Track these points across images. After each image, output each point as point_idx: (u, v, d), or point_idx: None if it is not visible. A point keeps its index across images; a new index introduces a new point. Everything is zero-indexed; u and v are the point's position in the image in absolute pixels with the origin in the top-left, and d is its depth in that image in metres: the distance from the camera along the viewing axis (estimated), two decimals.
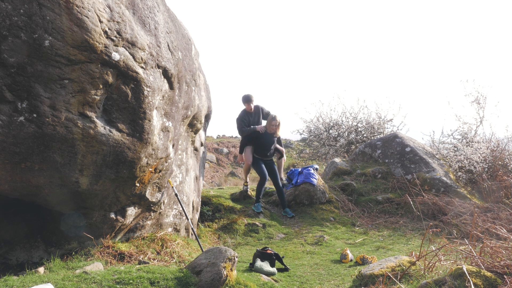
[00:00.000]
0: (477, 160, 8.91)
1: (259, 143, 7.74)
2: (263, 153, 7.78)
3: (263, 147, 7.75)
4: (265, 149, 7.76)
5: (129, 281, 3.47)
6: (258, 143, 7.75)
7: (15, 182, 3.59)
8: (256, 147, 7.79)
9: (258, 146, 7.76)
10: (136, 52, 3.75)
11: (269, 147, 7.76)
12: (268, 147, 7.76)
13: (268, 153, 7.80)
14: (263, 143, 7.74)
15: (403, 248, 5.98)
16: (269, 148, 7.77)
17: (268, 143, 7.75)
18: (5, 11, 3.03)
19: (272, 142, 7.79)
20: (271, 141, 7.78)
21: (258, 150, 7.79)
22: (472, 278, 2.76)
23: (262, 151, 7.78)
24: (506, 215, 6.61)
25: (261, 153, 7.79)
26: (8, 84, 3.16)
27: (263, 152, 7.78)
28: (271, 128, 7.66)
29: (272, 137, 7.79)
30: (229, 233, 7.03)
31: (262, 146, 7.74)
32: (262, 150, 7.77)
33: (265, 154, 7.79)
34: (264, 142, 7.73)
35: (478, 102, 10.23)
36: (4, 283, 3.34)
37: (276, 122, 7.60)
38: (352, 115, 13.89)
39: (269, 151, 7.79)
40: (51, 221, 4.33)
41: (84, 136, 3.61)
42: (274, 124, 7.60)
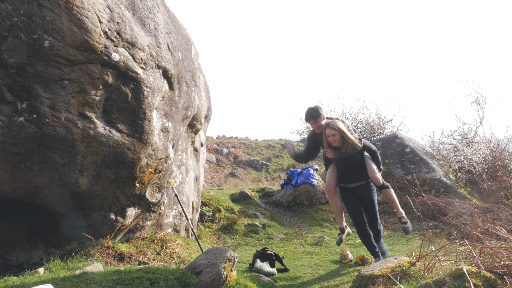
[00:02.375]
0: (477, 161, 8.91)
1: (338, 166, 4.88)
2: (345, 178, 4.85)
3: (343, 170, 4.83)
4: (347, 173, 4.81)
5: (129, 282, 3.47)
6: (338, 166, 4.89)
7: (15, 183, 3.59)
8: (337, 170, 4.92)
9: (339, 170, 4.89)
10: (136, 53, 3.76)
11: (352, 169, 4.76)
12: (351, 170, 4.76)
13: (353, 178, 4.79)
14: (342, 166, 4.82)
15: (403, 249, 5.97)
16: (353, 170, 4.76)
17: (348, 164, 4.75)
18: (5, 12, 3.03)
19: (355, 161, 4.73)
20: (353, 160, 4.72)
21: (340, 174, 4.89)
22: (472, 279, 2.76)
23: (344, 175, 4.84)
24: (506, 215, 6.61)
25: (344, 179, 4.87)
26: (8, 85, 3.16)
27: (345, 177, 4.84)
28: (332, 143, 4.61)
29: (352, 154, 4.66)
30: (229, 233, 7.03)
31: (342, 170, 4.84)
32: (344, 174, 4.84)
33: (349, 180, 4.83)
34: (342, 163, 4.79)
35: (478, 103, 10.24)
36: (4, 283, 3.33)
37: (331, 132, 4.53)
38: (352, 115, 13.90)
39: (354, 174, 4.77)
40: (51, 221, 4.32)
41: (84, 136, 3.61)
42: (329, 135, 4.56)
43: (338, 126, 4.47)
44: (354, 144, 4.56)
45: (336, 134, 4.50)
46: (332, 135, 4.51)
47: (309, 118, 4.91)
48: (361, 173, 4.71)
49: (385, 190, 4.74)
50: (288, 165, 20.52)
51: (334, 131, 4.48)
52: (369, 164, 4.69)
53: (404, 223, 4.77)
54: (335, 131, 4.47)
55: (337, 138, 4.52)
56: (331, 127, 4.48)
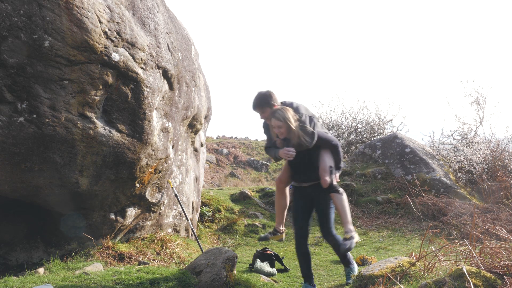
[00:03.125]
0: (477, 161, 8.91)
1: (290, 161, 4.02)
2: (297, 176, 4.09)
3: (295, 166, 4.05)
4: (299, 170, 4.04)
5: (129, 282, 3.47)
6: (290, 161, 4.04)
7: (15, 183, 3.59)
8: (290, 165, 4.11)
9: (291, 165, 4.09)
10: (136, 53, 3.76)
11: (305, 166, 3.98)
12: (304, 166, 3.99)
13: (303, 177, 4.03)
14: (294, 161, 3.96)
15: (403, 249, 5.98)
16: (306, 167, 3.98)
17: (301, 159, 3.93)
18: (5, 12, 3.03)
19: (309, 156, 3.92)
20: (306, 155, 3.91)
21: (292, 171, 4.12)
22: (472, 279, 2.76)
23: (296, 172, 4.08)
24: (506, 215, 6.61)
25: (296, 177, 4.11)
26: (8, 85, 3.16)
27: (296, 174, 4.09)
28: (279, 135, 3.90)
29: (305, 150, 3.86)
30: (229, 233, 7.03)
31: (294, 165, 4.05)
32: (296, 171, 4.07)
33: (300, 178, 4.07)
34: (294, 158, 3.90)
35: (478, 103, 10.25)
36: (4, 283, 3.33)
37: (276, 123, 3.80)
38: (352, 115, 13.90)
39: (307, 172, 3.98)
40: (51, 221, 4.32)
41: (84, 136, 3.61)
42: (274, 126, 3.85)
43: (284, 116, 3.74)
44: (301, 140, 3.78)
45: (282, 126, 3.78)
46: (278, 127, 3.80)
47: (255, 107, 4.03)
48: (315, 171, 3.88)
49: (334, 195, 3.83)
50: None
51: (279, 122, 3.76)
52: (323, 161, 3.84)
53: (344, 239, 3.72)
54: (281, 122, 3.76)
55: (283, 131, 3.80)
56: (276, 117, 3.76)
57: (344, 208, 3.85)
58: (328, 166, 3.84)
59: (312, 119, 3.99)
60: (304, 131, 3.79)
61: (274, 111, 3.82)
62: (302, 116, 3.88)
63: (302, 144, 3.80)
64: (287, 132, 3.80)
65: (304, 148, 3.83)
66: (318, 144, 3.87)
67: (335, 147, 3.92)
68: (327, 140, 3.94)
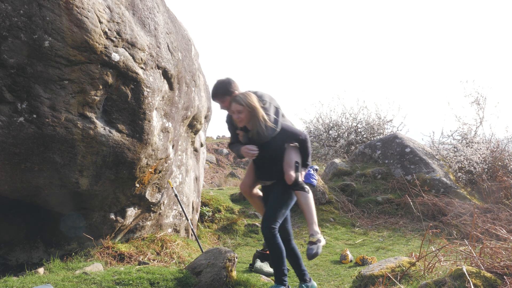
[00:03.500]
0: (477, 161, 8.91)
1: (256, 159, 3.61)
2: (261, 174, 3.70)
3: (258, 163, 3.66)
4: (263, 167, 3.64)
5: (129, 282, 3.47)
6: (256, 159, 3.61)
7: (15, 183, 3.59)
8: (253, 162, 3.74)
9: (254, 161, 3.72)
10: (136, 53, 3.76)
11: (269, 162, 3.55)
12: (267, 163, 3.57)
13: (267, 175, 3.64)
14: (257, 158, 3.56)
15: (403, 249, 5.98)
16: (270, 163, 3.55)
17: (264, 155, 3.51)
18: (5, 12, 3.03)
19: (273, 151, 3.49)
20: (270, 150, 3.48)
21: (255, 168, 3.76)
22: (472, 279, 2.76)
23: (259, 169, 3.70)
24: (506, 215, 6.61)
25: (259, 174, 3.72)
26: (8, 85, 3.16)
27: (260, 171, 3.70)
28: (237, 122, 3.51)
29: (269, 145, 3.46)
30: (229, 233, 7.03)
31: (257, 162, 3.66)
32: (259, 167, 3.69)
33: (263, 176, 3.69)
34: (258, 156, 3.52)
35: (478, 103, 10.25)
36: (4, 283, 3.33)
37: (236, 107, 3.41)
38: (352, 115, 13.89)
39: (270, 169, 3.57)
40: (51, 221, 4.32)
41: (84, 136, 3.61)
42: (233, 111, 3.46)
43: (245, 100, 3.34)
44: (262, 129, 3.35)
45: (243, 111, 3.35)
46: (238, 112, 3.37)
47: (214, 96, 3.62)
48: (279, 168, 3.46)
49: (298, 194, 3.46)
50: None
51: (239, 106, 3.35)
52: (288, 155, 3.45)
53: (310, 243, 3.39)
54: (241, 106, 3.35)
55: (243, 117, 3.37)
56: (237, 100, 3.38)
57: (310, 207, 3.49)
58: (293, 161, 3.46)
59: (278, 110, 3.60)
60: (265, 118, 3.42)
61: (235, 96, 3.47)
62: (265, 103, 3.50)
63: (262, 134, 3.39)
64: (247, 119, 3.40)
65: (265, 139, 3.41)
66: (284, 138, 3.48)
67: (302, 142, 3.53)
68: (294, 133, 3.54)
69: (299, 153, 3.55)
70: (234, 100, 3.42)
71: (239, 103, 3.38)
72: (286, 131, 3.50)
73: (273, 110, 3.53)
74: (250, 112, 3.37)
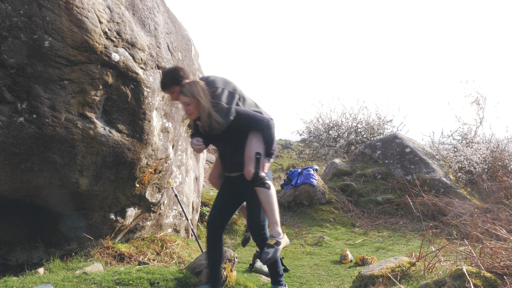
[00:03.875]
0: (477, 161, 8.91)
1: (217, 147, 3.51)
2: (224, 165, 3.42)
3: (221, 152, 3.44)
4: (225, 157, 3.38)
5: (129, 282, 3.47)
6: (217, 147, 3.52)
7: (15, 183, 3.59)
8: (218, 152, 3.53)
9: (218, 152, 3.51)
10: (136, 53, 3.76)
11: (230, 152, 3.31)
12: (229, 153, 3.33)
13: (230, 166, 3.35)
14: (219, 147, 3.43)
15: (403, 249, 5.98)
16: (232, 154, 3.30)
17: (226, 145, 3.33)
18: (5, 12, 3.03)
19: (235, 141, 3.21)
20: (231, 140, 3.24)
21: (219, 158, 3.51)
22: (472, 279, 2.76)
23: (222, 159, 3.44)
24: (506, 215, 6.61)
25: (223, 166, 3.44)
26: (8, 85, 3.16)
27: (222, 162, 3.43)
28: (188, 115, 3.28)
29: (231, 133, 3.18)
30: (229, 233, 7.03)
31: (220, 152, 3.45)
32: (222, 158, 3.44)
33: (226, 168, 3.39)
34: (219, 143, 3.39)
35: (478, 103, 10.27)
36: (4, 283, 3.33)
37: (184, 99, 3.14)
38: (352, 115, 13.91)
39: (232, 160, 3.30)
40: (51, 222, 4.32)
41: (84, 136, 3.61)
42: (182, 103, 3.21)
43: (191, 90, 3.07)
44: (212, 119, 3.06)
45: (190, 102, 3.10)
46: (185, 104, 3.14)
47: (163, 87, 3.33)
48: (241, 159, 3.15)
49: (259, 190, 3.08)
50: (288, 165, 20.50)
51: (186, 97, 3.10)
52: (249, 146, 3.11)
53: (267, 246, 3.04)
54: (188, 97, 3.09)
55: (192, 109, 3.12)
56: (183, 92, 3.11)
57: (271, 205, 3.12)
58: (254, 152, 3.07)
59: (234, 94, 3.19)
60: (216, 108, 3.05)
61: (182, 87, 3.14)
62: (217, 90, 3.11)
63: (213, 125, 3.08)
64: (197, 110, 3.11)
65: (218, 130, 3.11)
66: (242, 126, 3.13)
67: (265, 129, 3.13)
68: (254, 119, 3.15)
69: (261, 142, 3.14)
70: (181, 92, 3.14)
71: (185, 94, 3.10)
72: (241, 116, 3.13)
73: (226, 96, 3.12)
74: (197, 103, 3.06)
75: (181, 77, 3.19)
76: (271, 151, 3.19)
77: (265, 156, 3.13)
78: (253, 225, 3.28)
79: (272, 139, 3.18)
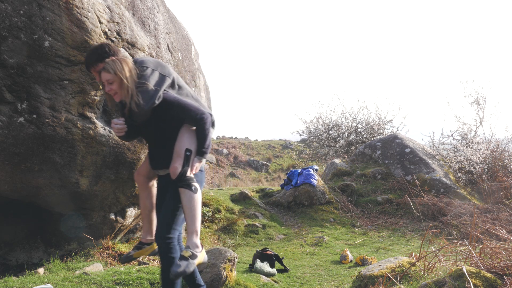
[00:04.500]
0: (477, 161, 8.91)
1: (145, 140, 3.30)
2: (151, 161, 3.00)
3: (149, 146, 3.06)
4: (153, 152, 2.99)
5: (128, 282, 3.47)
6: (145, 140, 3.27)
7: (15, 183, 3.59)
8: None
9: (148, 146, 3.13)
10: (136, 53, 3.76)
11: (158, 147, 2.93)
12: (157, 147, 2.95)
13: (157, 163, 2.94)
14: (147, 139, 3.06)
15: (403, 249, 5.97)
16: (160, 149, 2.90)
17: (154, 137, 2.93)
18: (5, 12, 3.03)
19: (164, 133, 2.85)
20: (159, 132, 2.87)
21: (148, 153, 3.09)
22: (472, 279, 2.77)
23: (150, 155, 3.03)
24: (506, 216, 6.61)
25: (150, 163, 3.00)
26: (8, 85, 3.16)
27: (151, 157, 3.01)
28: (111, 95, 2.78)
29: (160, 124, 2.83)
30: (228, 234, 7.02)
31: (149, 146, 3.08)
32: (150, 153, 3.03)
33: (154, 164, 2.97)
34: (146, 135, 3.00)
35: (478, 103, 10.26)
36: (4, 284, 3.34)
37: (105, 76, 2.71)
38: (352, 116, 13.91)
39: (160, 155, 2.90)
40: (50, 222, 4.32)
41: (84, 137, 3.61)
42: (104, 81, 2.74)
43: (115, 67, 2.65)
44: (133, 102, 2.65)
45: (113, 81, 2.67)
46: (108, 82, 2.70)
47: (87, 65, 2.88)
48: (169, 155, 2.76)
49: (182, 191, 2.67)
50: (288, 165, 20.52)
51: (108, 75, 2.67)
52: (179, 141, 2.75)
53: (180, 258, 2.59)
54: (110, 75, 2.66)
55: (115, 88, 2.69)
56: (105, 68, 2.68)
57: (194, 211, 2.70)
58: (183, 149, 2.71)
59: (165, 77, 2.81)
60: (140, 88, 2.64)
61: (105, 63, 2.72)
62: (145, 70, 2.72)
63: (136, 110, 2.67)
64: (120, 91, 2.69)
65: (140, 116, 2.71)
66: (172, 115, 2.76)
67: (199, 122, 2.75)
68: (186, 109, 2.75)
69: (194, 138, 2.78)
70: (103, 68, 2.72)
71: (107, 71, 2.68)
72: (173, 105, 2.73)
73: (155, 78, 2.74)
74: (120, 81, 2.66)
75: (107, 53, 2.79)
76: (204, 149, 2.77)
77: (197, 154, 2.75)
78: (162, 225, 2.76)
79: (206, 135, 2.76)
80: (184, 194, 2.68)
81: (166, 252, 2.68)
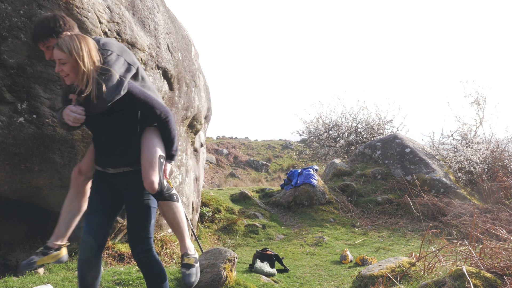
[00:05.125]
0: (477, 161, 8.92)
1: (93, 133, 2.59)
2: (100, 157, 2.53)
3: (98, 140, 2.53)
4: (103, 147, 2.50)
5: (128, 282, 3.47)
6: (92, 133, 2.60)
7: (15, 183, 3.59)
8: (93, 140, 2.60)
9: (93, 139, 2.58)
10: (136, 53, 3.76)
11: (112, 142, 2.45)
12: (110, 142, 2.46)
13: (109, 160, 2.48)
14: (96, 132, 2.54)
15: (403, 249, 5.98)
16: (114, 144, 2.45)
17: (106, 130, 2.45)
18: (5, 12, 3.03)
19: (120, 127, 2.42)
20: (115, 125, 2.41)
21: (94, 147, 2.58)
22: (472, 279, 2.77)
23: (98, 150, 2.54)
24: (505, 216, 6.61)
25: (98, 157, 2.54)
26: (8, 85, 3.16)
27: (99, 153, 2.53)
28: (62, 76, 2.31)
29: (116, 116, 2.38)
30: (228, 234, 7.02)
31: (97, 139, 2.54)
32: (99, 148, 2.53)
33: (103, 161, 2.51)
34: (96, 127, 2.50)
35: (478, 103, 10.27)
36: (4, 284, 3.34)
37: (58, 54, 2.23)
38: (352, 116, 13.91)
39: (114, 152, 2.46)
40: (51, 222, 4.31)
41: (84, 137, 3.61)
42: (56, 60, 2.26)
43: (70, 45, 2.21)
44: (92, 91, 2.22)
45: (66, 61, 2.23)
46: (59, 62, 2.26)
47: (36, 39, 2.42)
48: (127, 152, 2.44)
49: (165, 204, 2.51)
50: (288, 165, 20.52)
51: (62, 53, 2.23)
52: (148, 146, 2.40)
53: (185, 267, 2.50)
54: (64, 54, 2.22)
55: (67, 69, 2.25)
56: (59, 45, 2.24)
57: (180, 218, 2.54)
58: (157, 156, 2.38)
59: (131, 66, 2.42)
60: (104, 76, 2.23)
61: (59, 39, 2.27)
62: (109, 54, 2.32)
63: (94, 99, 2.23)
64: (73, 74, 2.26)
65: (97, 108, 2.27)
66: (133, 109, 2.38)
67: (163, 122, 2.44)
68: (152, 104, 2.40)
69: (161, 140, 2.47)
70: (56, 44, 2.26)
71: (60, 48, 2.23)
72: (137, 99, 2.37)
73: (121, 65, 2.35)
74: (75, 63, 2.22)
75: (60, 27, 2.37)
76: (173, 152, 2.52)
77: (166, 158, 2.50)
78: (136, 240, 2.44)
79: (173, 137, 2.50)
80: (167, 206, 2.49)
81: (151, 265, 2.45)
